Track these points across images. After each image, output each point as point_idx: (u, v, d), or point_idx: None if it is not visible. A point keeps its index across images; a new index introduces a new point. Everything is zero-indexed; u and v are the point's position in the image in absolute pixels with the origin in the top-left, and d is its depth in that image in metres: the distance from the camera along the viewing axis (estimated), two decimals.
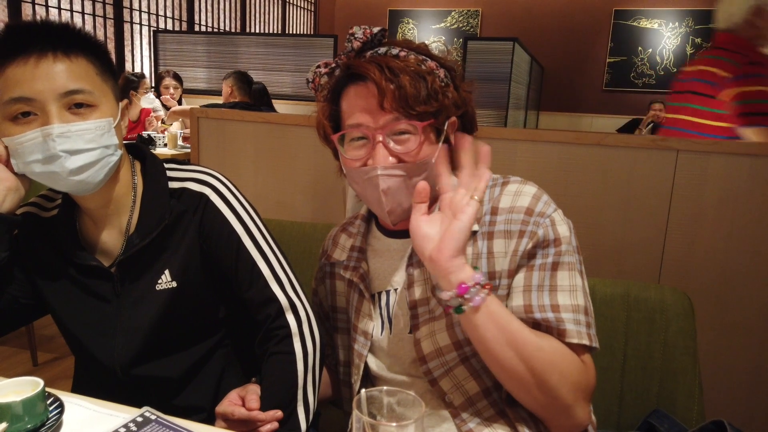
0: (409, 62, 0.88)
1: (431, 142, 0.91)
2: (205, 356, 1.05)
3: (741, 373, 1.58)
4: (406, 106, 0.87)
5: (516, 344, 0.80)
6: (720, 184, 1.53)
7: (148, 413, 0.81)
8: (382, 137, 0.88)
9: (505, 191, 0.92)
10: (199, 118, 2.01)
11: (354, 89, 0.91)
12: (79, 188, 0.92)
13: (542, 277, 0.86)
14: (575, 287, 0.87)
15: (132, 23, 5.86)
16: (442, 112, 0.90)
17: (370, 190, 0.90)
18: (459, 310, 0.80)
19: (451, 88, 0.92)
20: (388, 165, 0.88)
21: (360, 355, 0.99)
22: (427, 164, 0.90)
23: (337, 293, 1.07)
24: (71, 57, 0.89)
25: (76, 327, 1.02)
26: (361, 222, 1.05)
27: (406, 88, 0.86)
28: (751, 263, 1.53)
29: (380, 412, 0.65)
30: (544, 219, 0.88)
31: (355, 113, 0.90)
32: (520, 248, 0.87)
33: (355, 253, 1.02)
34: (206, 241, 1.00)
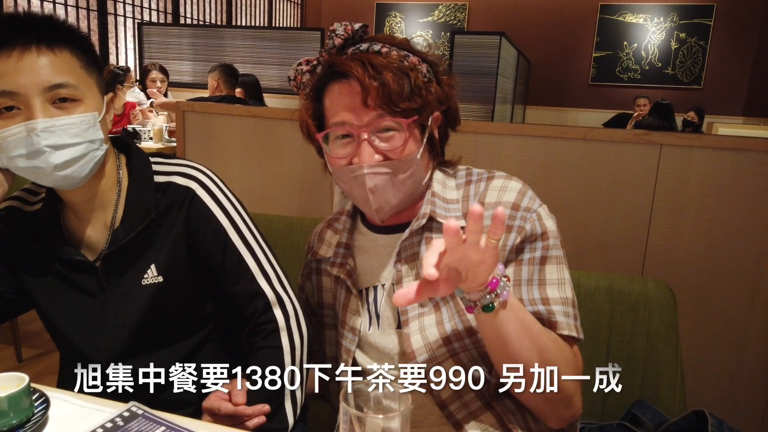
0: (391, 58, 0.88)
1: (416, 138, 0.91)
2: (192, 351, 1.05)
3: (722, 364, 1.61)
4: (390, 103, 0.86)
5: (532, 335, 0.81)
6: (702, 179, 1.55)
7: (135, 408, 0.81)
8: (366, 135, 0.88)
9: (491, 186, 0.92)
10: (185, 112, 2.00)
11: (337, 87, 0.90)
12: (64, 183, 0.91)
13: (531, 272, 0.87)
14: (563, 280, 0.88)
15: (116, 15, 5.79)
16: (426, 108, 0.90)
17: (356, 189, 0.91)
18: (488, 308, 0.75)
19: (434, 83, 0.92)
20: (374, 163, 0.88)
21: (348, 350, 0.99)
22: (413, 160, 0.90)
23: (324, 289, 1.07)
24: (55, 50, 0.87)
25: (61, 322, 1.01)
26: (346, 218, 1.05)
27: (390, 84, 0.85)
28: (732, 256, 1.56)
29: (367, 404, 0.66)
30: (530, 214, 0.89)
31: (339, 111, 0.89)
32: (508, 243, 0.88)
33: (342, 249, 1.02)
34: (193, 236, 1.00)
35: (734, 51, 7.74)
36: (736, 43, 7.71)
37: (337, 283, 1.02)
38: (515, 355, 0.80)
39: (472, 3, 8.72)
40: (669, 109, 5.16)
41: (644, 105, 5.85)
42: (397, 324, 0.95)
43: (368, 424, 0.61)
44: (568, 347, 0.86)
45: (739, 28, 7.66)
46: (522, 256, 0.88)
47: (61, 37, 0.89)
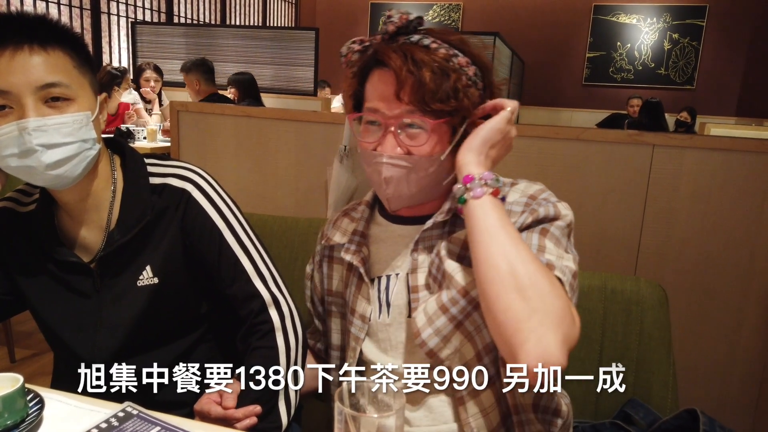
0: (436, 55, 0.87)
1: (443, 139, 0.90)
2: (186, 351, 1.05)
3: (714, 363, 1.62)
4: (422, 101, 0.86)
5: (506, 244, 0.80)
6: (694, 179, 1.56)
7: (130, 408, 0.81)
8: (393, 127, 0.89)
9: (514, 189, 0.94)
10: (179, 111, 2.00)
11: (378, 74, 0.91)
12: (56, 183, 0.91)
13: (530, 238, 0.87)
14: (564, 255, 0.85)
15: (109, 14, 5.77)
16: (460, 112, 0.88)
17: (374, 175, 0.92)
18: (461, 200, 0.84)
19: (477, 88, 0.90)
20: (395, 155, 0.89)
21: (357, 338, 0.99)
22: (435, 161, 0.90)
23: (334, 277, 1.06)
24: (48, 50, 0.87)
25: (55, 323, 1.01)
26: (365, 208, 1.05)
27: (426, 82, 0.85)
28: (724, 256, 1.57)
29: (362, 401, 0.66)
30: (546, 202, 0.90)
31: (374, 98, 0.90)
32: (518, 221, 0.89)
33: (357, 237, 1.02)
34: (188, 237, 1.00)
35: (727, 52, 7.79)
36: (728, 44, 7.76)
37: (350, 270, 1.02)
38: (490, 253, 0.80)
39: (467, 3, 8.73)
40: (659, 108, 5.20)
41: (638, 105, 5.89)
42: (408, 312, 0.95)
43: (363, 422, 0.61)
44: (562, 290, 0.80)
45: (731, 29, 7.71)
46: (527, 229, 0.88)
47: (53, 36, 0.88)
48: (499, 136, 0.89)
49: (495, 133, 0.88)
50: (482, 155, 0.88)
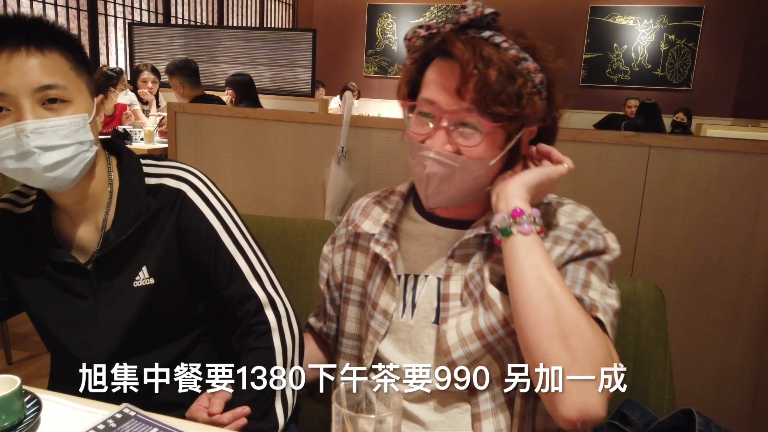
0: (506, 56, 0.82)
1: (496, 144, 0.87)
2: (183, 352, 1.05)
3: (710, 363, 1.63)
4: (483, 102, 0.82)
5: (551, 287, 0.78)
6: (690, 179, 1.57)
7: (127, 410, 0.81)
8: (446, 122, 0.85)
9: (560, 211, 0.92)
10: (176, 113, 2.00)
11: (441, 64, 0.86)
12: (54, 185, 0.91)
13: (577, 271, 0.85)
14: (608, 292, 0.85)
15: (107, 15, 5.77)
16: (519, 119, 0.84)
17: (418, 168, 0.88)
18: (506, 231, 0.82)
19: (541, 97, 0.86)
20: (443, 152, 0.85)
21: (377, 333, 0.96)
22: (483, 166, 0.86)
23: (357, 264, 1.03)
24: (45, 51, 0.87)
25: (52, 324, 1.01)
26: (399, 199, 1.02)
27: (491, 83, 0.80)
28: (721, 256, 1.58)
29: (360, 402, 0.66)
30: (597, 234, 0.88)
31: (433, 89, 0.86)
32: (567, 252, 0.86)
33: (389, 229, 0.99)
34: (184, 238, 1.00)
35: (723, 53, 7.81)
36: (724, 45, 7.78)
37: (376, 261, 0.99)
38: (530, 297, 0.79)
39: None
40: (655, 109, 5.22)
41: (635, 106, 5.91)
42: (434, 319, 0.93)
43: (361, 423, 0.61)
44: (605, 337, 0.79)
45: (727, 30, 7.74)
46: (574, 261, 0.86)
47: (50, 38, 0.89)
48: (549, 186, 0.88)
49: (548, 182, 0.87)
50: (530, 194, 0.86)
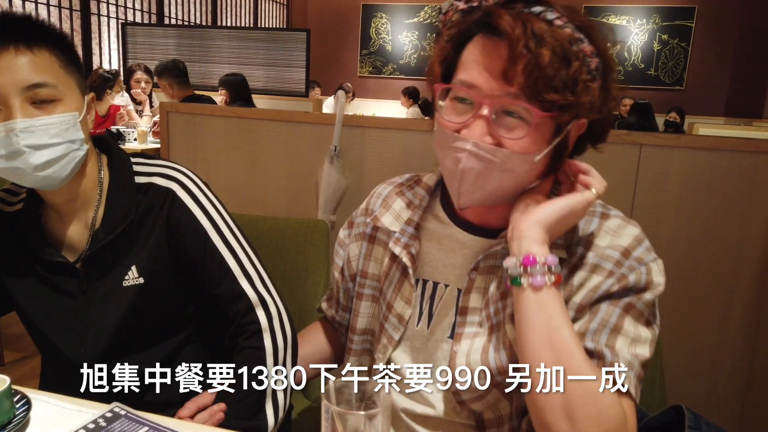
0: (560, 35, 0.71)
1: (543, 137, 0.75)
2: (173, 352, 1.05)
3: (701, 360, 1.64)
4: (534, 87, 0.70)
5: (559, 352, 0.70)
6: (681, 178, 1.58)
7: (118, 408, 0.81)
8: (488, 110, 0.73)
9: (604, 227, 0.81)
10: (169, 112, 1.99)
11: (484, 41, 0.74)
12: (44, 184, 0.91)
13: (610, 313, 0.76)
14: (640, 337, 0.76)
15: (99, 15, 5.74)
16: (572, 109, 0.73)
17: (449, 162, 0.77)
18: (516, 281, 0.73)
19: (597, 85, 0.74)
20: (482, 144, 0.73)
21: (391, 338, 0.90)
22: (527, 162, 0.75)
23: (373, 258, 0.96)
24: (34, 50, 0.87)
25: (42, 324, 1.00)
26: (425, 194, 0.92)
27: (544, 65, 0.69)
28: (711, 255, 1.59)
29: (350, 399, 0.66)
30: (641, 266, 0.77)
31: (473, 70, 0.74)
32: (603, 286, 0.77)
33: (411, 228, 0.90)
34: (173, 237, 0.99)
35: (715, 52, 7.85)
36: (717, 45, 7.82)
37: (394, 261, 0.91)
38: (535, 361, 0.72)
39: None
40: (648, 109, 5.25)
41: (629, 104, 5.93)
42: (450, 333, 0.86)
43: (350, 420, 0.61)
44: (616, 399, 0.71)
45: (719, 30, 7.77)
46: (610, 298, 0.77)
47: (39, 36, 0.88)
48: (573, 218, 0.77)
49: (572, 215, 0.76)
50: (550, 233, 0.75)
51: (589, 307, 0.77)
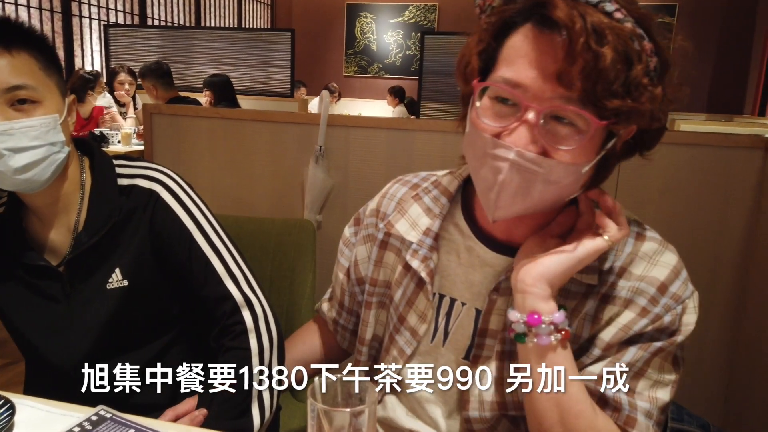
0: (622, 31, 0.62)
1: (594, 147, 0.67)
2: (159, 354, 1.04)
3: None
4: (592, 92, 0.61)
5: (565, 411, 0.69)
6: (662, 173, 1.60)
7: (103, 412, 0.80)
8: (535, 115, 0.64)
9: (640, 252, 0.74)
10: (152, 114, 1.98)
11: (534, 33, 0.65)
12: (25, 187, 0.90)
13: (637, 357, 0.72)
14: (664, 381, 0.73)
15: (81, 17, 5.69)
16: (631, 118, 0.64)
17: (486, 171, 0.68)
18: (520, 338, 0.70)
19: (659, 90, 0.65)
20: (527, 153, 0.65)
21: (402, 352, 0.85)
22: (575, 173, 0.67)
23: (383, 265, 0.89)
24: (12, 52, 0.86)
25: (25, 328, 1.00)
26: (446, 202, 0.84)
27: (605, 67, 0.60)
28: (691, 249, 1.61)
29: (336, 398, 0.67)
30: (677, 305, 0.73)
31: (518, 67, 0.65)
32: (635, 327, 0.72)
33: (429, 239, 0.83)
34: (157, 239, 0.99)
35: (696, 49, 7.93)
36: (698, 42, 7.90)
37: (408, 270, 0.84)
38: (540, 419, 0.71)
39: (442, 3, 8.78)
40: None
41: None
42: (465, 354, 0.82)
43: (336, 417, 0.62)
44: None
45: (700, 27, 7.87)
46: (640, 340, 0.73)
47: (18, 38, 0.88)
48: (580, 267, 0.71)
49: (578, 266, 0.70)
50: (556, 286, 0.70)
51: (617, 347, 0.73)
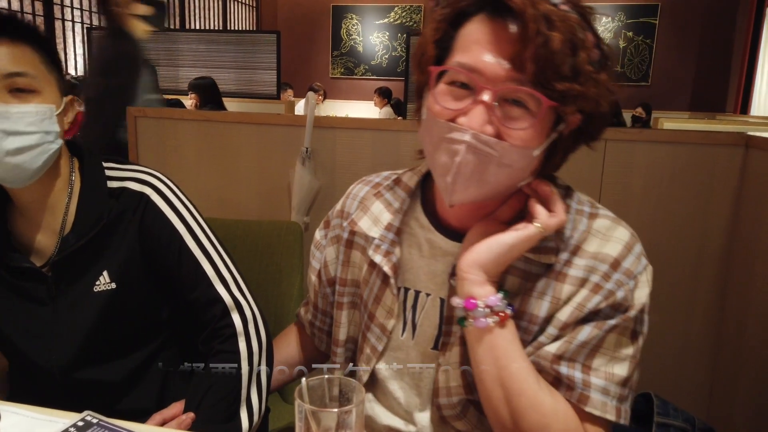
0: (569, 20, 0.66)
1: (544, 129, 0.71)
2: (148, 359, 1.04)
3: (668, 348, 1.68)
4: (543, 74, 0.66)
5: (508, 389, 0.72)
6: (645, 171, 1.62)
7: (90, 417, 0.80)
8: (490, 96, 0.68)
9: (593, 229, 0.77)
10: (136, 117, 1.97)
11: (488, 21, 0.69)
12: (14, 174, 0.89)
13: (591, 335, 0.74)
14: (621, 356, 0.75)
15: (64, 20, 5.63)
16: (577, 101, 0.68)
17: (443, 155, 0.71)
18: (461, 321, 0.75)
19: (602, 78, 0.70)
20: (483, 134, 0.68)
21: (374, 349, 0.87)
22: (527, 156, 0.70)
23: (351, 264, 0.91)
24: (16, 43, 0.88)
25: (9, 330, 0.98)
26: (406, 197, 0.87)
27: (555, 50, 0.64)
28: (675, 244, 1.63)
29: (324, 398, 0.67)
30: (629, 280, 0.75)
31: (474, 52, 0.68)
32: (588, 304, 0.74)
33: (391, 234, 0.85)
34: (147, 242, 0.99)
35: (679, 48, 8.03)
36: (680, 41, 8.00)
37: (374, 267, 0.87)
38: (487, 396, 0.75)
39: (428, 5, 8.78)
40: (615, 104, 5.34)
41: None
42: (434, 344, 0.84)
43: (323, 417, 0.62)
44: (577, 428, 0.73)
45: (682, 27, 7.96)
46: (595, 318, 0.74)
47: (23, 33, 0.90)
48: (515, 255, 0.74)
49: (511, 252, 0.74)
50: (492, 272, 0.74)
51: (573, 326, 0.75)
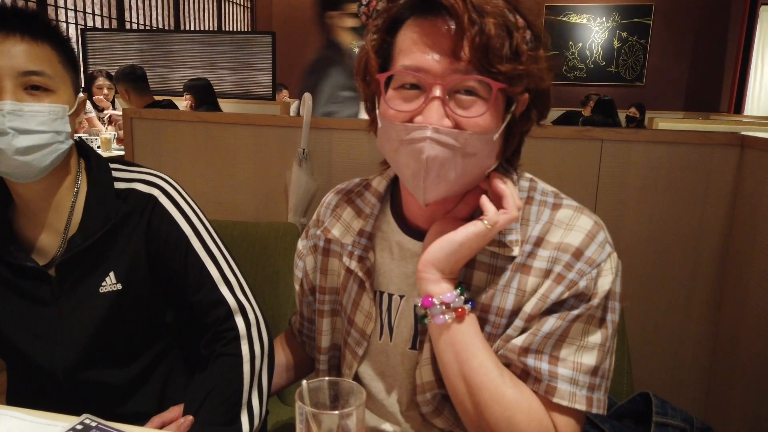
0: (497, 6, 0.69)
1: (499, 113, 0.73)
2: (151, 363, 1.03)
3: (666, 348, 1.69)
4: (484, 59, 0.68)
5: (470, 383, 0.73)
6: (641, 171, 1.62)
7: (88, 420, 0.80)
8: (441, 91, 0.70)
9: (556, 220, 0.78)
10: (132, 119, 1.96)
11: (420, 22, 0.71)
12: (22, 171, 0.89)
13: (556, 326, 0.74)
14: (588, 344, 0.75)
15: (58, 21, 5.60)
16: (523, 80, 0.71)
17: (409, 157, 0.71)
18: (422, 320, 0.77)
19: (541, 54, 0.74)
20: (443, 128, 0.69)
21: (355, 353, 0.89)
22: (488, 141, 0.72)
23: (329, 272, 0.93)
24: (37, 41, 0.89)
25: (11, 331, 0.97)
26: (376, 202, 0.88)
27: (491, 36, 0.67)
28: (672, 244, 1.64)
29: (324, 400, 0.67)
30: (591, 269, 0.74)
31: (416, 53, 0.70)
32: (552, 295, 0.74)
33: (364, 239, 0.86)
34: (154, 243, 0.98)
35: (673, 48, 8.07)
36: (674, 41, 8.04)
37: (350, 273, 0.88)
38: (451, 389, 0.77)
39: None
40: (611, 105, 5.36)
41: None
42: (411, 344, 0.85)
43: (324, 420, 0.62)
44: (543, 418, 0.74)
45: (676, 27, 7.99)
46: (559, 309, 0.75)
47: (44, 32, 0.90)
48: (468, 252, 0.75)
49: (463, 250, 0.74)
50: (447, 269, 0.75)
51: (538, 318, 0.75)
